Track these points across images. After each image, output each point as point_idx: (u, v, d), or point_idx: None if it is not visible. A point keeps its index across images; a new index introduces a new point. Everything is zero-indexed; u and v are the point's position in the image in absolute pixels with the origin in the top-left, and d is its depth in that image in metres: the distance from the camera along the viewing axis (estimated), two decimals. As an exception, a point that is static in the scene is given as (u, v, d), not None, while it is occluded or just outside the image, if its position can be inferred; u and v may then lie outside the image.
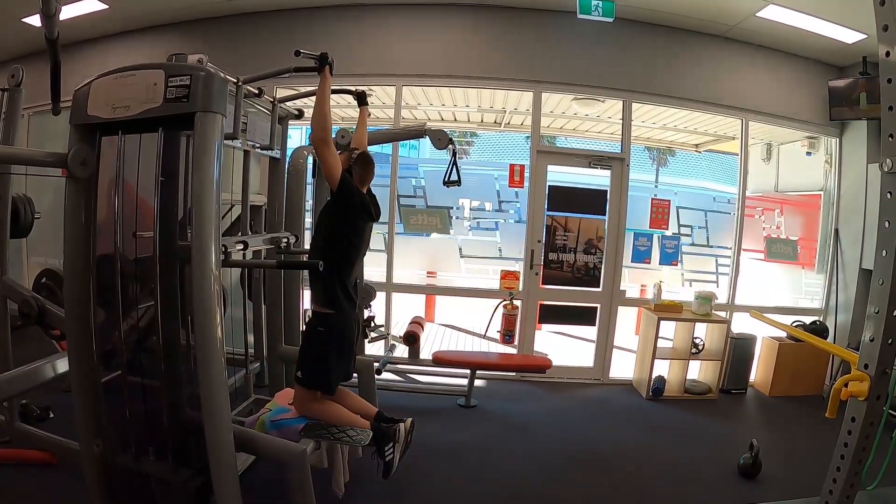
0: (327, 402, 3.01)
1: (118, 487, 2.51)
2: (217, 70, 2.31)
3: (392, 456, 2.95)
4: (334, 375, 3.01)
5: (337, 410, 3.00)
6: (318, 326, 2.96)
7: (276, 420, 3.01)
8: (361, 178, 3.08)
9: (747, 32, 5.42)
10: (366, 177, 3.11)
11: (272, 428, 2.97)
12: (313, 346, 2.99)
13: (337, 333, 2.98)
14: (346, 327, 3.03)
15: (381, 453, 2.95)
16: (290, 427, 2.93)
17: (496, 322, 5.70)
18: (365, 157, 3.13)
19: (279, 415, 3.05)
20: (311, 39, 3.70)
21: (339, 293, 2.94)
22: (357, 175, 3.06)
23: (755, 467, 3.77)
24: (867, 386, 2.09)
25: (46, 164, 2.41)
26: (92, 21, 5.48)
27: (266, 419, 3.03)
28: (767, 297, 6.37)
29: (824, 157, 6.17)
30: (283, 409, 3.10)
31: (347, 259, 3.00)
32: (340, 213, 2.95)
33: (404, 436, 3.04)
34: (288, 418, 3.01)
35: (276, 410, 3.10)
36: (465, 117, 7.87)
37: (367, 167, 3.11)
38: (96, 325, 2.49)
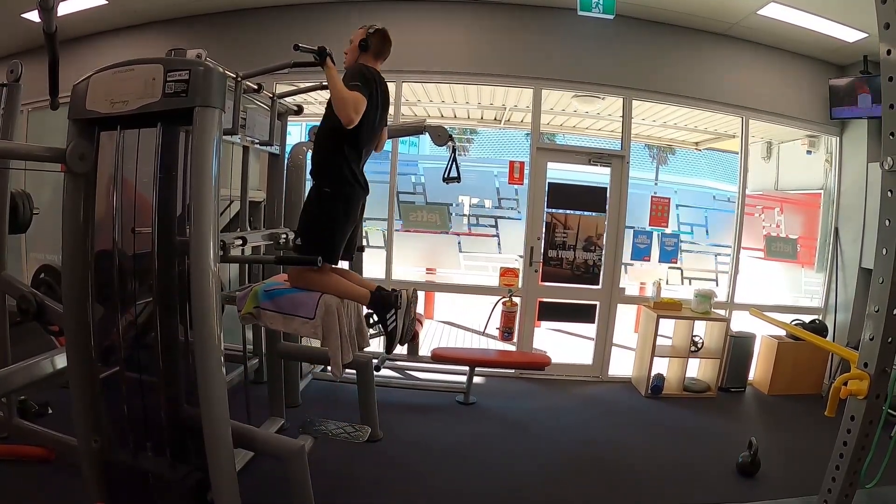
0: (327, 272, 2.83)
1: (116, 484, 2.50)
2: (216, 65, 2.30)
3: (395, 323, 2.78)
4: (338, 243, 2.87)
5: (336, 280, 2.84)
6: (325, 187, 2.81)
7: (270, 290, 2.86)
8: (378, 50, 2.99)
9: (748, 30, 5.42)
10: (382, 50, 3.01)
11: (266, 298, 2.83)
12: (318, 208, 2.82)
13: (344, 198, 2.83)
14: (356, 198, 2.89)
15: (384, 322, 2.77)
16: (285, 296, 2.81)
17: (495, 319, 5.71)
18: (383, 31, 3.03)
19: (273, 286, 2.91)
20: (310, 35, 3.68)
21: (346, 170, 2.81)
22: (374, 48, 2.96)
23: (754, 465, 3.77)
24: (867, 385, 2.08)
25: (45, 160, 2.40)
26: (91, 16, 5.46)
27: (259, 290, 2.89)
28: (767, 296, 6.38)
29: (824, 155, 6.16)
30: (277, 282, 2.96)
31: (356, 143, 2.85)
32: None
33: (406, 302, 2.83)
34: (282, 288, 2.87)
35: (270, 283, 2.96)
36: (465, 114, 7.86)
37: (385, 42, 3.02)
38: (95, 321, 2.48)
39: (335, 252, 2.86)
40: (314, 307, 2.74)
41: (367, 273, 4.96)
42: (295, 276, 2.87)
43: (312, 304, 2.75)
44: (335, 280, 2.84)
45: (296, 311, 2.77)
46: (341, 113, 2.64)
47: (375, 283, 2.98)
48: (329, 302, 2.76)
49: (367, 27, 3.03)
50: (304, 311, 2.75)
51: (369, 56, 2.96)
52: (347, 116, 2.64)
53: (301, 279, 2.84)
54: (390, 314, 2.77)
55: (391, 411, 4.39)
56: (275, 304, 2.80)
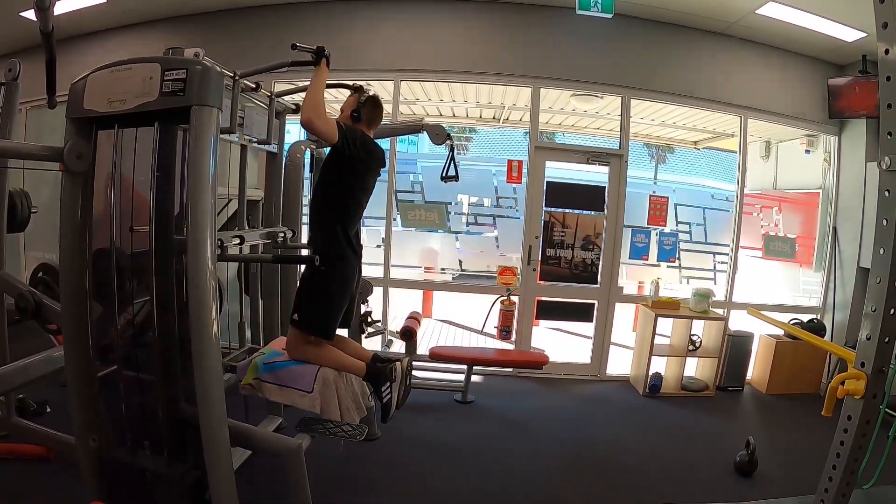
0: (323, 346, 2.87)
1: (114, 482, 2.50)
2: (213, 64, 2.30)
3: (389, 396, 2.86)
4: (334, 319, 2.89)
5: (333, 354, 2.87)
6: (321, 265, 2.81)
7: (270, 363, 2.88)
8: (370, 118, 2.99)
9: (747, 29, 5.42)
10: (374, 118, 3.02)
11: (265, 370, 2.86)
12: (313, 285, 2.85)
13: (339, 274, 2.85)
14: (349, 270, 2.91)
15: (379, 394, 2.86)
16: (284, 369, 2.83)
17: (493, 318, 5.71)
18: (375, 99, 3.03)
19: (273, 358, 2.93)
20: (309, 34, 3.69)
21: (342, 239, 2.83)
22: (366, 117, 2.97)
23: (751, 465, 3.77)
24: (864, 384, 2.08)
25: (43, 159, 2.39)
26: (89, 15, 5.45)
27: (259, 362, 2.90)
28: (765, 295, 6.39)
29: (823, 155, 6.17)
30: (277, 353, 2.98)
31: (349, 207, 2.89)
32: (343, 161, 2.83)
33: (402, 375, 2.93)
34: (282, 361, 2.89)
35: (270, 354, 2.98)
36: (463, 113, 7.86)
37: (377, 109, 3.03)
38: (93, 320, 2.48)
39: (331, 329, 2.90)
40: (312, 380, 2.78)
41: (365, 272, 4.95)
42: (292, 348, 2.90)
43: (310, 378, 2.79)
44: (332, 353, 2.89)
45: (294, 383, 2.80)
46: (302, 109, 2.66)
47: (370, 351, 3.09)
48: (327, 375, 2.80)
49: (359, 95, 3.06)
50: (302, 384, 2.79)
51: (362, 125, 2.97)
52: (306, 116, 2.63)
53: (299, 352, 2.88)
54: (385, 387, 2.88)
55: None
56: (274, 376, 2.84)
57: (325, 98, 2.81)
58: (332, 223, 2.81)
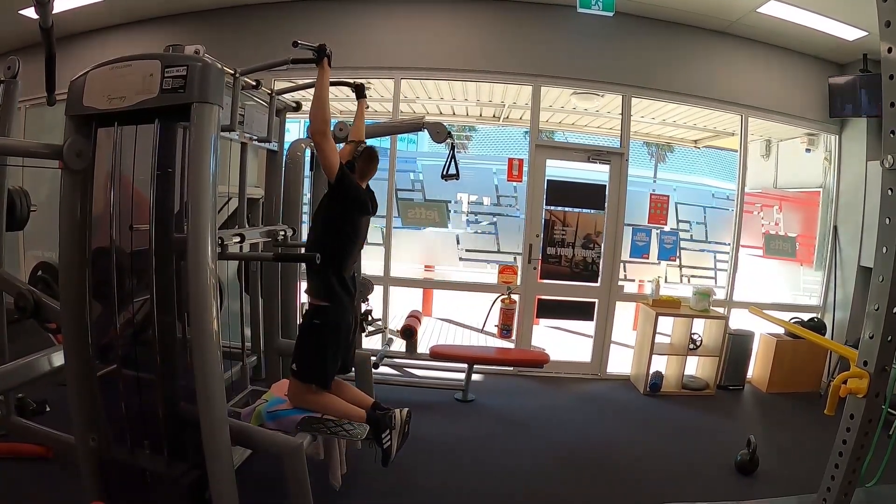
0: (323, 394, 2.96)
1: (114, 481, 2.50)
2: (214, 61, 2.28)
3: (389, 443, 2.94)
4: (330, 369, 2.96)
5: (333, 402, 2.96)
6: (314, 319, 2.92)
7: (273, 411, 2.97)
8: (363, 172, 3.04)
9: (748, 28, 5.41)
10: (367, 171, 3.06)
11: (269, 419, 2.93)
12: (309, 338, 2.94)
13: (333, 326, 2.93)
14: (343, 320, 2.99)
15: (379, 441, 2.93)
16: (287, 418, 2.90)
17: (494, 316, 5.70)
18: (370, 151, 3.07)
19: (276, 406, 3.00)
20: (309, 31, 3.69)
21: (336, 285, 2.90)
22: (359, 169, 3.01)
23: (752, 463, 3.77)
24: (866, 383, 2.08)
25: (42, 156, 2.38)
26: (89, 13, 5.44)
27: (262, 410, 2.98)
28: (766, 294, 6.38)
29: (824, 154, 6.17)
30: (279, 399, 3.05)
31: (344, 251, 2.96)
32: (338, 205, 2.90)
33: (400, 423, 3.01)
34: (285, 409, 2.97)
35: (273, 402, 3.05)
36: (463, 111, 7.85)
37: (371, 162, 3.06)
38: (92, 319, 2.47)
39: (327, 378, 2.97)
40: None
41: (364, 269, 4.95)
42: (294, 396, 2.98)
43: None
44: (332, 402, 2.97)
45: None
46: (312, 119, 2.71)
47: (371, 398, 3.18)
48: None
49: (355, 144, 3.15)
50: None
51: (355, 176, 3.00)
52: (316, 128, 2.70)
53: (301, 401, 2.96)
54: (385, 434, 2.95)
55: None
56: (278, 424, 2.90)
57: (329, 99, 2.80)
58: (325, 269, 2.85)
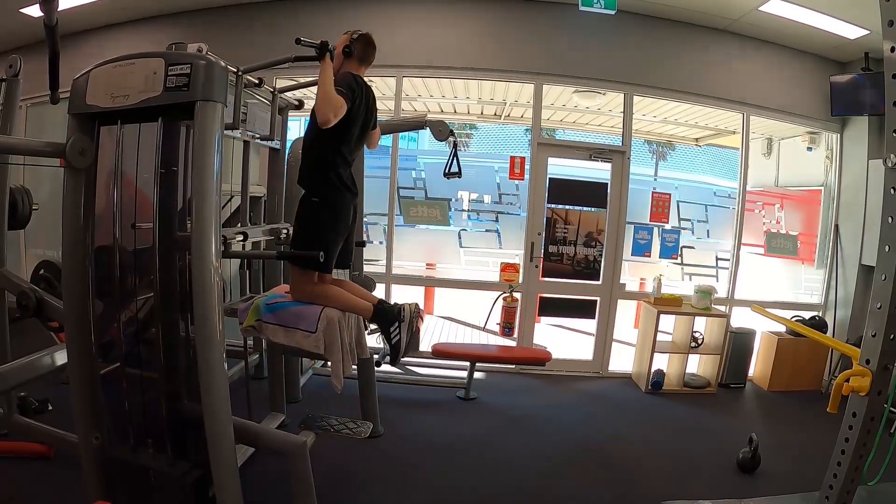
0: (326, 286, 2.85)
1: (117, 480, 2.50)
2: (217, 59, 2.28)
3: (398, 336, 2.80)
4: (330, 251, 2.81)
5: (336, 292, 2.84)
6: (313, 197, 2.81)
7: (272, 304, 2.86)
8: (362, 55, 2.96)
9: (750, 26, 5.41)
10: (366, 55, 2.99)
11: (267, 311, 2.83)
12: (307, 219, 2.83)
13: (331, 206, 2.82)
14: (344, 203, 2.88)
15: (387, 334, 2.80)
16: (287, 309, 2.80)
17: (496, 314, 5.71)
18: (367, 36, 3.00)
19: (274, 298, 2.90)
20: (311, 29, 3.68)
21: (333, 177, 2.80)
22: (358, 54, 2.94)
23: (754, 461, 3.77)
24: (869, 381, 2.09)
25: (44, 155, 2.39)
26: (92, 11, 5.44)
27: (260, 303, 2.88)
28: (767, 292, 6.38)
29: (825, 152, 6.16)
30: (279, 295, 2.96)
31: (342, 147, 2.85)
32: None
33: (409, 316, 2.85)
34: (283, 301, 2.86)
35: (272, 296, 2.96)
36: (465, 109, 7.84)
37: (369, 46, 2.99)
38: (95, 317, 2.47)
39: (329, 261, 2.82)
40: (316, 320, 2.73)
41: (367, 269, 4.95)
42: (296, 288, 2.86)
43: (314, 318, 2.74)
44: (337, 293, 2.84)
45: (298, 324, 2.75)
46: (321, 111, 2.64)
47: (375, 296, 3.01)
48: (331, 315, 2.75)
49: (351, 32, 3.01)
50: (305, 324, 2.74)
51: (353, 62, 2.95)
52: (325, 116, 2.63)
53: (303, 292, 2.83)
54: (394, 327, 2.79)
55: (392, 407, 4.38)
56: (276, 317, 2.79)
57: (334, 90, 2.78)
58: (322, 166, 2.78)
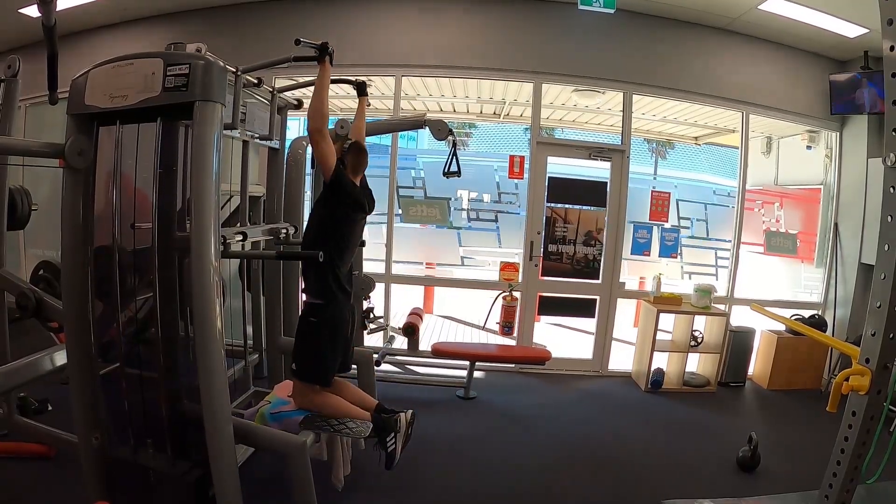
0: (326, 394, 2.97)
1: (117, 480, 2.50)
2: (216, 59, 2.28)
3: (394, 446, 2.92)
4: (329, 367, 2.97)
5: (336, 402, 2.96)
6: (311, 317, 2.92)
7: (276, 412, 2.98)
8: (354, 166, 3.03)
9: (749, 25, 5.40)
10: (359, 166, 3.06)
11: (272, 420, 2.94)
12: (306, 337, 2.94)
13: (329, 323, 2.93)
14: (340, 317, 2.98)
15: (384, 444, 2.91)
16: (290, 419, 2.90)
17: (495, 314, 5.70)
18: (357, 145, 3.09)
19: (279, 407, 3.02)
20: (310, 29, 3.67)
21: (332, 283, 2.90)
22: (350, 164, 3.01)
23: (754, 460, 3.77)
24: (868, 380, 2.08)
25: (43, 155, 2.38)
26: (90, 11, 5.43)
27: (265, 412, 2.99)
28: (766, 291, 6.37)
29: (824, 151, 6.16)
30: (282, 401, 3.07)
31: (339, 249, 2.95)
32: (333, 203, 2.91)
33: (405, 426, 3.01)
34: (287, 410, 2.98)
35: (276, 403, 3.06)
36: (464, 108, 7.83)
37: (360, 155, 3.06)
38: (94, 317, 2.47)
39: (328, 376, 2.99)
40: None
41: (367, 268, 4.95)
42: (298, 398, 3.00)
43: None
44: (336, 402, 2.97)
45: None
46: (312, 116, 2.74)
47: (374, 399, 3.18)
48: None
49: (342, 142, 3.16)
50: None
51: (347, 172, 3.00)
52: (314, 126, 2.73)
53: (304, 401, 2.97)
54: (390, 437, 2.93)
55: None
56: (282, 426, 2.90)
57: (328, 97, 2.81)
58: (322, 268, 2.84)
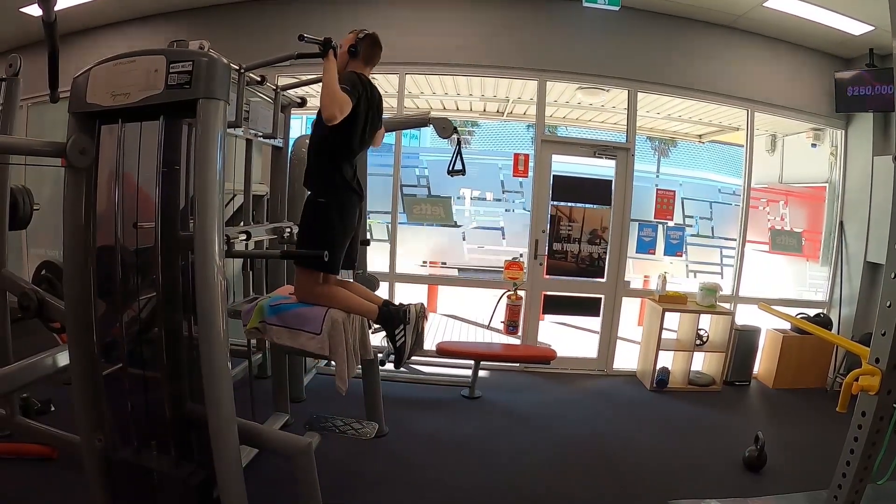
0: (332, 287, 2.84)
1: (120, 482, 2.48)
2: (220, 56, 2.26)
3: (403, 339, 2.82)
4: (337, 253, 2.83)
5: (341, 293, 2.85)
6: (318, 198, 2.81)
7: (276, 305, 2.86)
8: (367, 55, 2.97)
9: (754, 22, 5.38)
10: (372, 55, 3.00)
11: (271, 313, 2.83)
12: (313, 219, 2.83)
13: (338, 206, 2.82)
14: (348, 203, 2.87)
15: (392, 337, 2.82)
16: (291, 310, 2.80)
17: (500, 313, 5.69)
18: (374, 37, 3.00)
19: (279, 300, 2.90)
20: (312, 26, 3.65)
21: (338, 179, 2.81)
22: (364, 55, 2.94)
23: (760, 460, 3.75)
24: (878, 380, 2.07)
25: (45, 154, 2.36)
26: (91, 10, 5.43)
27: (265, 304, 2.88)
28: (772, 290, 6.35)
29: (829, 148, 6.12)
30: (283, 296, 2.96)
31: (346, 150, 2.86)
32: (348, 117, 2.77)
33: (414, 318, 2.87)
34: (288, 303, 2.86)
35: (276, 298, 2.95)
36: (467, 106, 7.82)
37: (375, 47, 3.00)
38: (97, 318, 2.45)
39: (335, 263, 2.83)
40: (321, 322, 2.73)
41: (370, 267, 4.93)
42: (301, 289, 2.85)
43: (319, 319, 2.74)
44: (342, 294, 2.84)
45: (302, 326, 2.76)
46: (326, 108, 2.62)
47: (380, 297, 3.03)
48: (335, 317, 2.76)
49: (357, 31, 3.00)
50: (310, 326, 2.74)
51: (359, 62, 2.94)
52: (331, 113, 2.62)
53: (307, 294, 2.83)
54: (399, 329, 2.81)
55: (396, 406, 4.36)
56: (281, 318, 2.80)
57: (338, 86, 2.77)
58: (329, 167, 2.77)
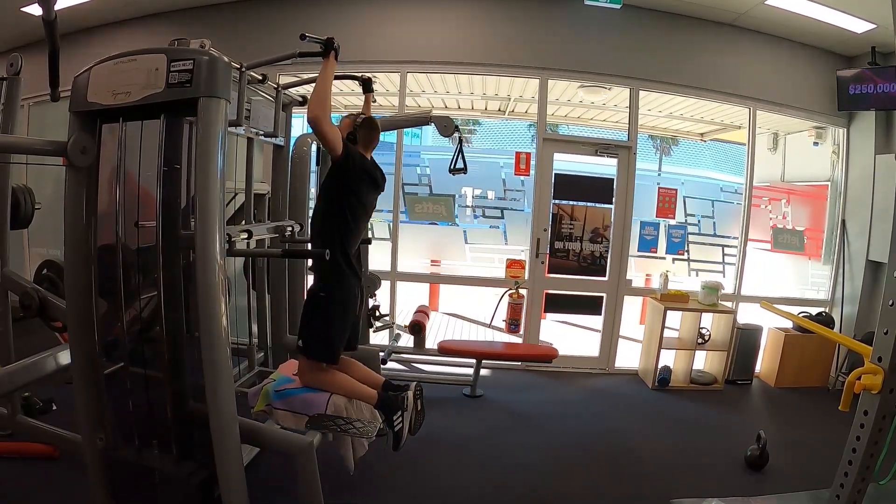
0: (332, 372, 2.89)
1: (121, 481, 2.49)
2: (220, 55, 2.25)
3: (401, 425, 2.88)
4: (337, 344, 2.89)
5: (343, 380, 2.89)
6: (320, 292, 2.86)
7: (281, 390, 2.90)
8: (366, 141, 2.99)
9: (756, 20, 5.37)
10: (370, 141, 3.02)
11: (277, 398, 2.87)
12: (314, 312, 2.87)
13: (339, 299, 2.87)
14: (349, 294, 2.92)
15: (391, 423, 2.87)
16: (296, 396, 2.84)
17: (501, 311, 5.68)
18: (370, 121, 3.03)
19: (283, 385, 2.93)
20: (315, 26, 3.63)
21: (341, 261, 2.84)
22: (362, 139, 2.96)
23: (762, 459, 3.74)
24: (881, 379, 2.06)
25: (46, 153, 2.36)
26: (92, 9, 5.42)
27: (270, 389, 2.91)
28: (773, 288, 6.34)
29: (831, 147, 6.11)
30: (287, 379, 2.99)
31: (349, 228, 2.89)
32: (343, 180, 2.85)
33: (412, 403, 2.94)
34: (293, 388, 2.90)
35: (281, 380, 2.98)
36: (468, 105, 7.81)
37: (373, 131, 3.02)
38: (98, 317, 2.45)
39: (335, 353, 2.91)
40: (324, 408, 2.80)
41: (373, 266, 4.92)
42: (304, 375, 2.92)
43: (322, 405, 2.81)
44: (342, 380, 2.90)
45: (307, 411, 2.82)
46: (311, 109, 2.66)
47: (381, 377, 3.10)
48: (338, 402, 2.82)
49: (354, 117, 3.05)
50: (314, 411, 2.81)
51: (359, 148, 2.96)
52: (314, 113, 2.65)
53: (310, 379, 2.89)
54: (397, 416, 2.88)
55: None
56: (286, 404, 2.85)
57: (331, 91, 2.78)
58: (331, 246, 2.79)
